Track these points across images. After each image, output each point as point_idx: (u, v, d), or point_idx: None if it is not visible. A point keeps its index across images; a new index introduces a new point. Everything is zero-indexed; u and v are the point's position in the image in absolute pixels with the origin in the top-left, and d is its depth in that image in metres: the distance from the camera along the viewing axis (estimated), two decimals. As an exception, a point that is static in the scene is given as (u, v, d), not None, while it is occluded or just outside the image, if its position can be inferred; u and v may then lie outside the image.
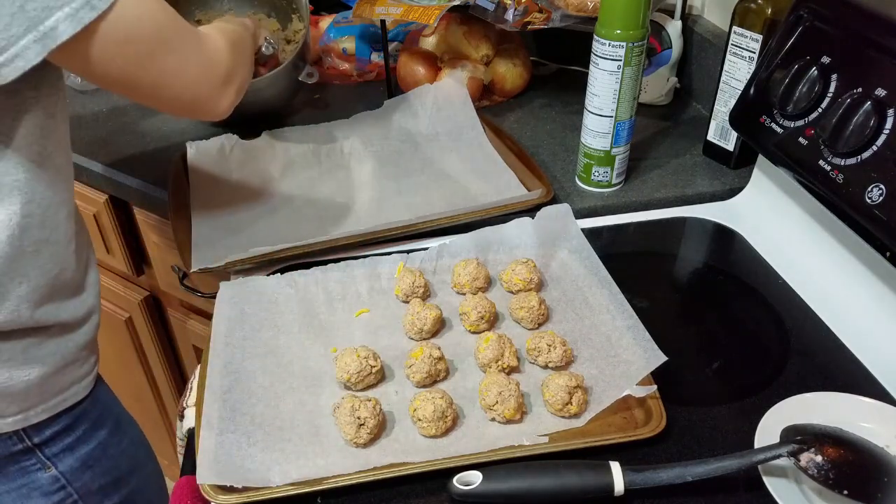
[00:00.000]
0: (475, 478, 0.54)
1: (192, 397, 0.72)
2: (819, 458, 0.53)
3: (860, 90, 0.67)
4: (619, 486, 0.54)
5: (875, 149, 0.66)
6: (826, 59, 0.72)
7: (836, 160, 0.69)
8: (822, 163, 0.70)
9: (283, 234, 0.85)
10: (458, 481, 0.55)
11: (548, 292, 0.77)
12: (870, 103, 0.65)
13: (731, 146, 0.96)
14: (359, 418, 0.59)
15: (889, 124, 0.65)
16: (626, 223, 0.89)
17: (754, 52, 0.87)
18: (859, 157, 0.67)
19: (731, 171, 0.97)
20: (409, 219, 0.84)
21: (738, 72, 0.90)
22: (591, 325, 0.71)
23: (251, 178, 0.97)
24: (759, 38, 0.86)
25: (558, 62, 1.28)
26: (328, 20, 1.33)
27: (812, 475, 0.53)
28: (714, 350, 0.71)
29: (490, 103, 1.18)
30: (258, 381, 0.66)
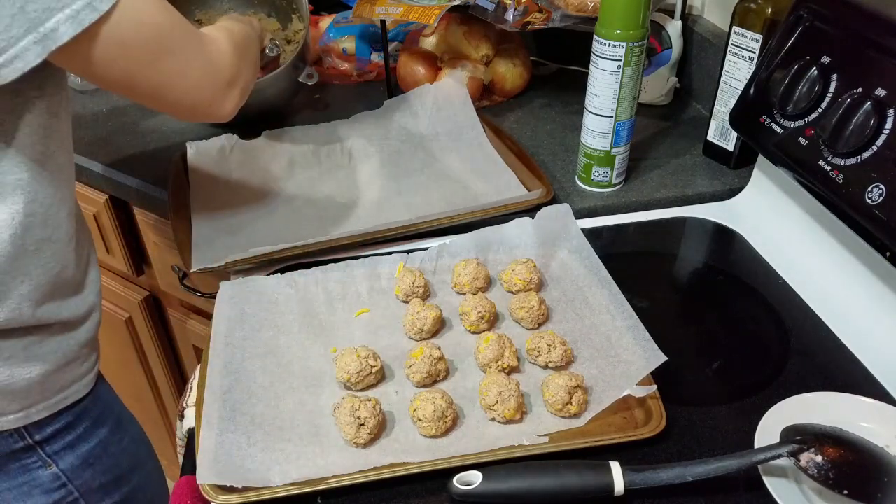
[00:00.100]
0: (475, 478, 0.54)
1: (192, 397, 0.72)
2: (819, 458, 0.53)
3: (860, 90, 0.67)
4: (619, 486, 0.54)
5: (875, 149, 0.66)
6: (826, 59, 0.72)
7: (836, 160, 0.69)
8: (822, 163, 0.70)
9: (283, 234, 0.85)
10: (458, 481, 0.55)
11: (548, 292, 0.77)
12: (870, 103, 0.65)
13: (731, 146, 0.96)
14: (359, 418, 0.59)
15: (889, 124, 0.65)
16: (626, 223, 0.89)
17: (754, 52, 0.87)
18: (859, 157, 0.67)
19: (731, 171, 0.97)
20: (409, 219, 0.84)
21: (738, 72, 0.90)
22: (591, 325, 0.71)
23: (251, 178, 0.97)
24: (759, 38, 0.86)
25: (558, 62, 1.28)
26: (328, 20, 1.33)
27: (812, 475, 0.53)
28: (714, 350, 0.71)
29: (490, 103, 1.18)
30: (258, 381, 0.66)
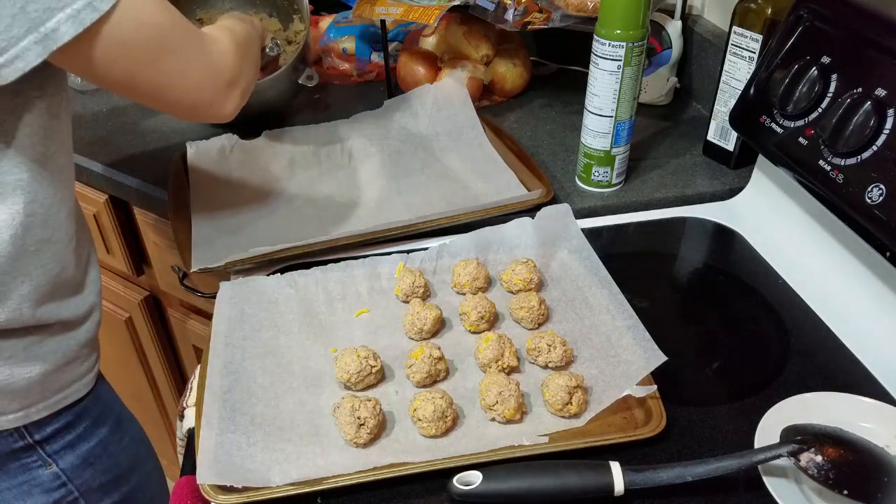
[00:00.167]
0: (475, 478, 0.54)
1: (192, 397, 0.72)
2: (819, 458, 0.53)
3: (860, 90, 0.67)
4: (619, 486, 0.54)
5: (875, 149, 0.66)
6: (826, 59, 0.72)
7: (836, 160, 0.69)
8: (822, 163, 0.70)
9: (283, 234, 0.85)
10: (458, 481, 0.55)
11: (548, 292, 0.77)
12: (870, 103, 0.65)
13: (731, 146, 0.96)
14: (359, 418, 0.59)
15: (889, 124, 0.65)
16: (626, 223, 0.89)
17: (754, 52, 0.87)
18: (859, 157, 0.67)
19: (731, 171, 0.97)
20: (409, 219, 0.84)
21: (738, 72, 0.90)
22: (591, 325, 0.71)
23: (251, 178, 0.97)
24: (759, 38, 0.86)
25: (558, 62, 1.28)
26: (328, 20, 1.33)
27: (812, 475, 0.53)
28: (714, 350, 0.71)
29: (490, 103, 1.18)
30: (258, 381, 0.66)
